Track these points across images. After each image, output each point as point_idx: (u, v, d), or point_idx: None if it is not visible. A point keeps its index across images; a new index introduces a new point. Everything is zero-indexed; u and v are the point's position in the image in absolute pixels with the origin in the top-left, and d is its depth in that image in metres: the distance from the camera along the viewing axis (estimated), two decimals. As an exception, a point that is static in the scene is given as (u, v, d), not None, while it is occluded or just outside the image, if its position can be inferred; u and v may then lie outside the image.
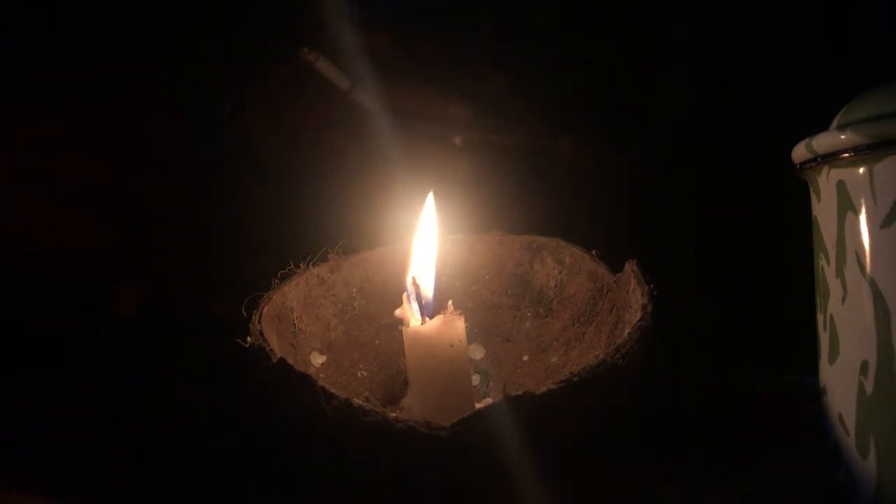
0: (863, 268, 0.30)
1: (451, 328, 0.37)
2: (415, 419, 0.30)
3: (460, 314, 0.37)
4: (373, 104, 0.53)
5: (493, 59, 0.58)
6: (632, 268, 0.38)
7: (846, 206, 0.30)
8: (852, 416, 0.30)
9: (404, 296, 0.39)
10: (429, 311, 0.39)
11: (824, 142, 0.31)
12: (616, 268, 0.40)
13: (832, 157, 0.31)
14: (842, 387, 0.31)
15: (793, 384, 0.46)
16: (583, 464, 0.34)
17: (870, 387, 0.30)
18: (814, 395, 0.34)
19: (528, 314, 0.45)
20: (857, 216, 0.30)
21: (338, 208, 0.52)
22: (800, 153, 0.33)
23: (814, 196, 0.33)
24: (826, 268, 0.32)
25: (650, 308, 0.35)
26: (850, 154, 0.30)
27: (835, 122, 0.32)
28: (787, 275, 0.43)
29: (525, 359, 0.43)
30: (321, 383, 0.31)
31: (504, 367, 0.43)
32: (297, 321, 0.41)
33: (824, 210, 0.32)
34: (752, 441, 0.41)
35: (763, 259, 0.55)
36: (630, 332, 0.34)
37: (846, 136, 0.30)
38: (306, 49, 0.52)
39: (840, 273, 0.31)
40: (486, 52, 0.57)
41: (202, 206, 0.54)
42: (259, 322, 0.35)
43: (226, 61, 0.53)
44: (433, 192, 0.41)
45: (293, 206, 0.53)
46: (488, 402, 0.36)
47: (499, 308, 0.45)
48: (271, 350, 0.33)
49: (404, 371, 0.42)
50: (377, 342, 0.44)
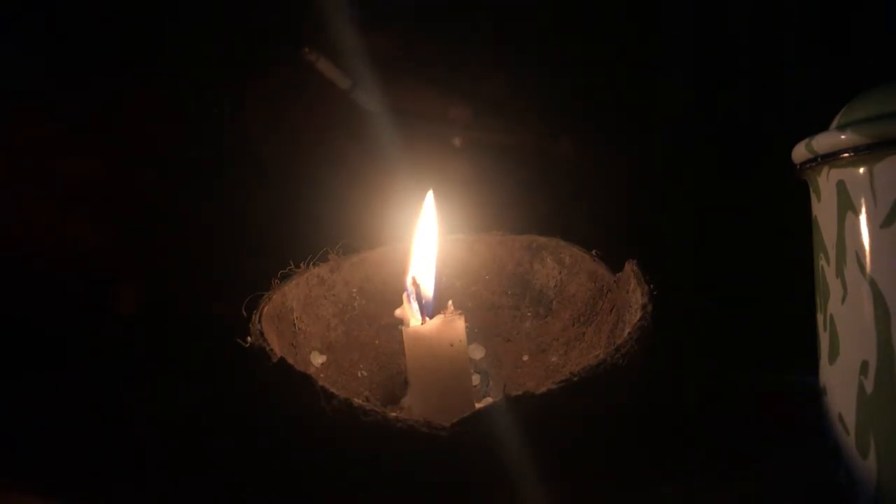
0: (863, 268, 0.30)
1: (451, 328, 0.37)
2: (415, 419, 0.30)
3: (460, 314, 0.37)
4: (373, 104, 0.54)
5: (493, 59, 0.58)
6: (632, 268, 0.38)
7: (846, 206, 0.30)
8: (852, 416, 0.30)
9: (404, 296, 0.39)
10: (429, 311, 0.39)
11: (824, 142, 0.31)
12: (616, 268, 0.40)
13: (832, 157, 0.31)
14: (842, 387, 0.31)
15: (793, 384, 0.46)
16: (583, 464, 0.34)
17: (870, 387, 0.30)
18: (814, 395, 0.34)
19: (528, 314, 0.45)
20: (857, 216, 0.30)
21: (338, 208, 0.52)
22: (800, 153, 0.33)
23: (814, 196, 0.33)
24: (826, 268, 0.32)
25: (650, 308, 0.35)
26: (850, 154, 0.30)
27: (835, 122, 0.32)
28: (787, 275, 0.43)
29: (525, 359, 0.43)
30: (321, 383, 0.31)
31: (504, 367, 0.43)
32: (297, 321, 0.41)
33: (824, 210, 0.32)
34: (752, 441, 0.40)
35: (763, 259, 0.55)
36: (630, 332, 0.34)
37: (846, 136, 0.30)
38: (307, 49, 0.52)
39: (840, 273, 0.31)
40: (486, 52, 0.57)
41: (202, 206, 0.54)
42: (259, 322, 0.35)
43: (226, 61, 0.54)
44: (433, 192, 0.41)
45: (293, 206, 0.53)
46: (488, 402, 0.36)
47: (499, 308, 0.45)
48: (271, 350, 0.33)
49: (404, 371, 0.42)
50: (377, 342, 0.44)
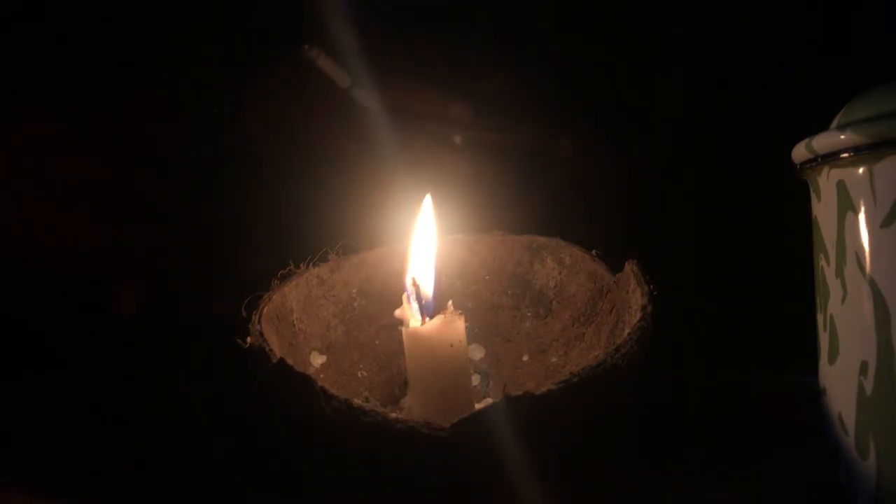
0: (863, 268, 0.30)
1: (451, 328, 0.37)
2: (415, 419, 0.30)
3: (460, 314, 0.37)
4: (372, 103, 0.53)
5: (493, 59, 0.58)
6: (632, 268, 0.38)
7: (846, 206, 0.30)
8: (852, 416, 0.30)
9: (404, 296, 0.39)
10: (429, 311, 0.39)
11: (824, 142, 0.31)
12: (616, 268, 0.40)
13: (832, 157, 0.31)
14: (842, 387, 0.31)
15: (793, 384, 0.46)
16: (583, 464, 0.34)
17: (870, 387, 0.30)
18: (814, 395, 0.34)
19: (528, 314, 0.45)
20: (857, 216, 0.30)
21: (338, 208, 0.52)
22: (800, 153, 0.33)
23: (814, 196, 0.33)
24: (826, 268, 0.32)
25: (650, 308, 0.35)
26: (850, 154, 0.30)
27: (835, 122, 0.32)
28: (787, 275, 0.43)
29: (525, 359, 0.43)
30: (321, 383, 0.31)
31: (504, 367, 0.43)
32: (296, 321, 0.41)
33: (824, 210, 0.32)
34: (752, 441, 0.40)
35: (763, 259, 0.55)
36: (630, 333, 0.34)
37: (846, 136, 0.30)
38: (307, 46, 0.52)
39: (840, 273, 0.31)
40: (486, 52, 0.57)
41: (202, 206, 0.54)
42: (259, 322, 0.35)
43: (226, 61, 0.53)
44: (430, 194, 0.41)
45: (293, 206, 0.53)
46: (488, 402, 0.36)
47: (499, 308, 0.45)
48: (271, 350, 0.33)
49: (404, 371, 0.42)
50: (377, 342, 0.44)
